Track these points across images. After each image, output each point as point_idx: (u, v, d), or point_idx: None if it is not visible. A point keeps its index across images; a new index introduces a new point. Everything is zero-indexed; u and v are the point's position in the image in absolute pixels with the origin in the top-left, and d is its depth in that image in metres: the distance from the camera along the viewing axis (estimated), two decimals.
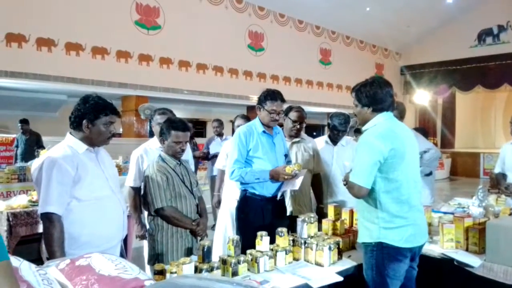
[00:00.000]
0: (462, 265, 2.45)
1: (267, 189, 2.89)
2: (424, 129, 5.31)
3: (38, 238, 3.71)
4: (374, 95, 2.26)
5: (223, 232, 3.65)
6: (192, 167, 3.51)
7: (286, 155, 3.11)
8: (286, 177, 2.80)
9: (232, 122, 4.37)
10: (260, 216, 2.86)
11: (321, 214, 3.23)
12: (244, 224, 2.90)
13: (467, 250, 2.59)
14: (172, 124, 2.63)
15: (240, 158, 2.84)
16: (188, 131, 2.68)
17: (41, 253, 3.37)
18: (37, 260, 2.29)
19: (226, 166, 3.00)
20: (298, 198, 3.44)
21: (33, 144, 7.39)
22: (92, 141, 2.22)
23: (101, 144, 2.26)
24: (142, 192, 2.69)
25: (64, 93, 8.52)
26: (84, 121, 2.16)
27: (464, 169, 11.57)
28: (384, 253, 2.17)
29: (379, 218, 2.17)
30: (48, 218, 2.04)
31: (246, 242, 2.35)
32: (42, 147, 6.63)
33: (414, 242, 2.20)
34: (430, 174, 4.51)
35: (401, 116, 3.75)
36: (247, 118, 4.20)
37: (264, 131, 2.91)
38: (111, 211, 2.25)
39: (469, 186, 8.44)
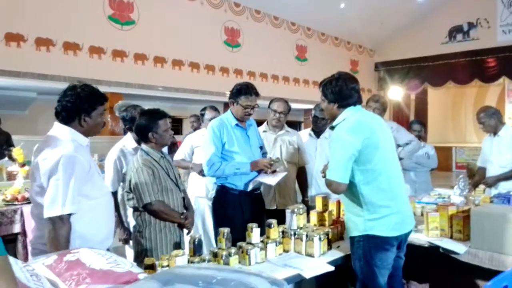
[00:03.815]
0: (448, 252, 2.50)
1: (246, 184, 2.86)
2: (422, 122, 5.44)
3: (13, 239, 3.57)
4: (340, 91, 2.28)
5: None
6: None
7: (261, 147, 3.10)
8: (266, 166, 2.79)
9: (202, 114, 4.23)
10: (239, 210, 2.83)
11: (306, 207, 3.25)
12: (222, 219, 2.85)
13: (451, 237, 2.65)
14: (155, 114, 2.56)
15: (217, 152, 2.79)
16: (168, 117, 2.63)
17: (17, 254, 3.24)
18: None
19: (203, 161, 2.90)
20: (283, 192, 3.43)
21: (2, 143, 7.10)
22: (87, 133, 2.12)
23: (95, 134, 2.18)
24: (126, 188, 2.58)
25: (34, 90, 8.21)
26: (82, 114, 2.05)
27: (438, 163, 11.84)
28: (370, 244, 2.19)
29: (364, 211, 2.19)
30: (62, 219, 1.92)
31: None
32: (12, 146, 6.39)
33: (400, 230, 2.23)
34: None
35: (383, 108, 3.81)
36: (217, 110, 4.11)
37: (237, 124, 2.88)
38: (110, 208, 2.23)
39: (443, 179, 8.67)
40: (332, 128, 2.35)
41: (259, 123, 3.45)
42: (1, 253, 1.05)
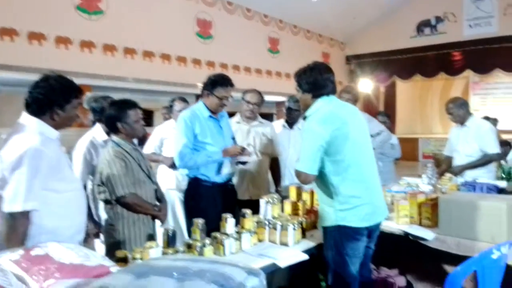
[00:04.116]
0: (417, 239, 2.58)
1: (218, 172, 2.85)
2: (388, 114, 5.57)
3: None
4: (315, 81, 2.29)
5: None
6: None
7: (233, 138, 3.11)
8: (236, 152, 2.79)
9: (171, 106, 4.15)
10: (212, 202, 2.82)
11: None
12: (194, 211, 2.82)
13: (420, 224, 2.73)
14: (124, 104, 2.49)
15: (188, 143, 2.76)
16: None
17: None
18: None
19: (174, 153, 2.86)
20: (257, 182, 3.44)
21: None
22: (59, 126, 2.02)
23: (66, 127, 2.08)
24: (97, 181, 2.50)
25: None
26: (54, 107, 1.95)
27: (405, 153, 12.02)
28: (342, 233, 2.21)
29: (335, 201, 2.21)
30: (23, 214, 1.84)
31: None
32: None
33: (371, 221, 2.26)
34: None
35: (355, 99, 3.85)
36: (186, 101, 4.05)
37: (210, 116, 2.85)
38: (82, 201, 2.16)
39: (410, 169, 8.92)
40: (305, 118, 2.36)
41: (230, 114, 3.42)
42: None
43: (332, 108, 2.28)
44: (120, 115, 2.45)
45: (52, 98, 1.96)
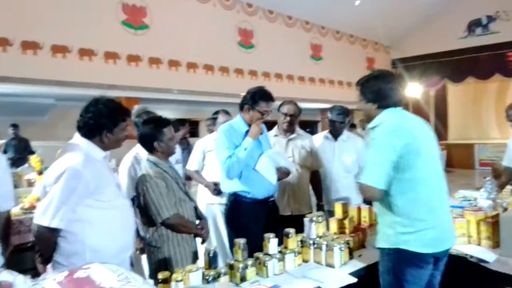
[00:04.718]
0: (477, 260, 2.37)
1: (258, 191, 2.77)
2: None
3: (31, 246, 3.56)
4: (379, 90, 2.10)
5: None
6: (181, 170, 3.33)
7: None
8: (258, 121, 2.71)
9: (214, 118, 4.13)
10: (254, 219, 2.74)
11: (322, 211, 3.15)
12: (236, 228, 2.77)
13: (479, 244, 2.51)
14: (159, 123, 2.46)
15: (231, 155, 2.70)
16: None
17: (36, 262, 3.22)
18: (32, 270, 2.17)
19: (220, 169, 2.81)
20: (297, 197, 3.34)
21: (22, 150, 7.21)
22: (107, 148, 2.10)
23: (115, 148, 2.15)
24: (139, 202, 2.45)
25: (52, 96, 8.30)
26: (103, 131, 2.03)
27: (459, 161, 11.57)
28: (401, 258, 2.02)
29: (396, 223, 2.01)
30: (49, 229, 1.93)
31: None
32: (32, 153, 6.47)
33: (436, 247, 2.04)
34: None
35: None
36: (229, 113, 4.02)
37: (248, 130, 2.78)
38: (128, 219, 2.17)
39: (466, 178, 8.45)
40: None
41: (271, 124, 3.34)
42: None
43: (399, 120, 2.07)
44: (156, 134, 2.42)
45: (101, 122, 2.03)
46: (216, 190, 3.63)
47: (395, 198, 2.01)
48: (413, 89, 11.90)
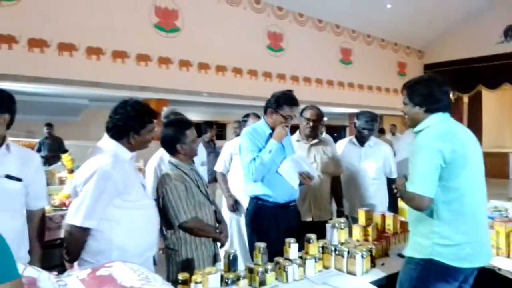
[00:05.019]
0: (506, 273, 2.29)
1: (280, 195, 2.75)
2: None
3: (60, 243, 3.68)
4: (430, 93, 2.01)
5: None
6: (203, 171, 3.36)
7: None
8: (282, 125, 2.68)
9: (244, 121, 4.15)
10: (274, 223, 2.74)
11: (342, 217, 3.12)
12: (257, 232, 2.76)
13: (508, 257, 2.43)
14: (182, 124, 2.45)
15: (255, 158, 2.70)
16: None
17: (64, 259, 3.33)
18: (60, 266, 2.25)
19: (244, 172, 2.82)
20: (318, 203, 3.31)
21: (55, 149, 7.46)
22: (134, 149, 2.17)
23: (141, 149, 2.21)
24: (158, 204, 2.41)
25: (86, 97, 8.59)
26: (131, 133, 2.09)
27: (492, 170, 11.12)
28: (432, 270, 1.92)
29: (435, 233, 1.92)
30: (81, 229, 1.99)
31: None
32: (65, 151, 6.66)
33: (472, 262, 1.94)
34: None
35: None
36: (259, 117, 4.03)
37: (271, 134, 2.77)
38: (153, 218, 2.21)
39: (500, 188, 8.15)
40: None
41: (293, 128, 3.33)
42: (14, 276, 1.03)
43: (448, 126, 2.00)
44: (179, 136, 2.39)
45: (129, 124, 2.08)
46: (233, 207, 3.77)
47: (439, 208, 1.92)
48: None
